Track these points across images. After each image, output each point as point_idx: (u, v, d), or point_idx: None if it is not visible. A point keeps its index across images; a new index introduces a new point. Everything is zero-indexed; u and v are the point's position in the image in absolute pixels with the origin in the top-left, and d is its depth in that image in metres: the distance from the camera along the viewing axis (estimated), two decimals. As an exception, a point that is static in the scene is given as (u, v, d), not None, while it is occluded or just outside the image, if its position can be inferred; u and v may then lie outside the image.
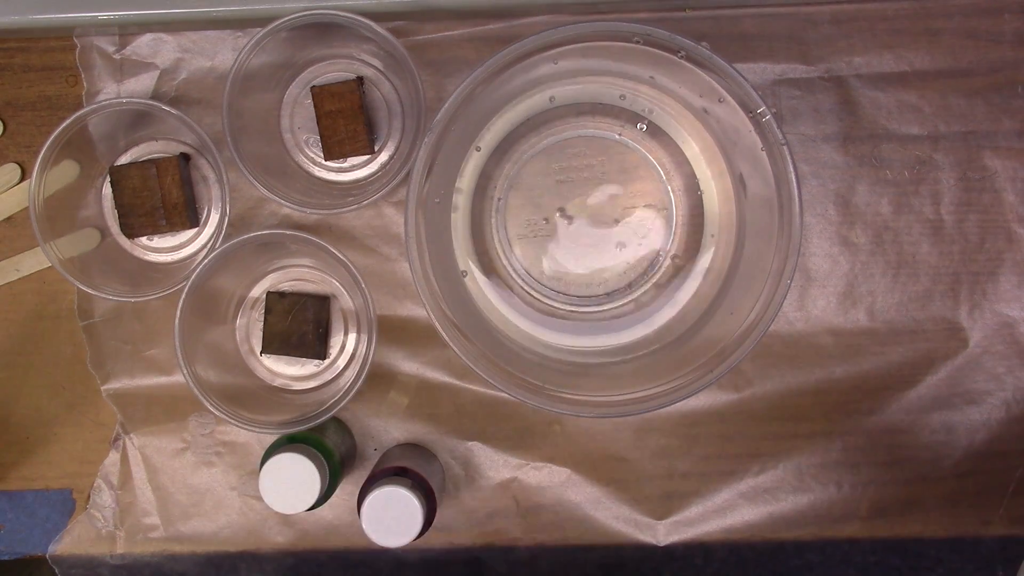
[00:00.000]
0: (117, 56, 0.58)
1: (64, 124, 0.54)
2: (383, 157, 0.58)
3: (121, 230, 0.58)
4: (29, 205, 0.54)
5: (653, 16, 0.58)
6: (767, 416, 0.59)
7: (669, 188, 0.56)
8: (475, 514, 0.60)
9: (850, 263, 0.58)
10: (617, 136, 0.56)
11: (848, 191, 0.58)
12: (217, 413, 0.54)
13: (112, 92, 0.58)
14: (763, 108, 0.49)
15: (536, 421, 0.59)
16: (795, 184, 0.49)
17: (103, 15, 0.56)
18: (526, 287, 0.57)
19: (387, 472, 0.54)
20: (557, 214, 0.56)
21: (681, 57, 0.50)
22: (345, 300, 0.59)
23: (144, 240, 0.59)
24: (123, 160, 0.59)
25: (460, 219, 0.56)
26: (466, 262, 0.56)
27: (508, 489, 0.59)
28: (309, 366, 0.59)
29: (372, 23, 0.52)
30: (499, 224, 0.56)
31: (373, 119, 0.58)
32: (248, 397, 0.57)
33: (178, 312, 0.53)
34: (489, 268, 0.57)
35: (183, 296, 0.53)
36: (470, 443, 0.59)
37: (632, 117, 0.56)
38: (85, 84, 0.58)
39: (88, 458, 0.60)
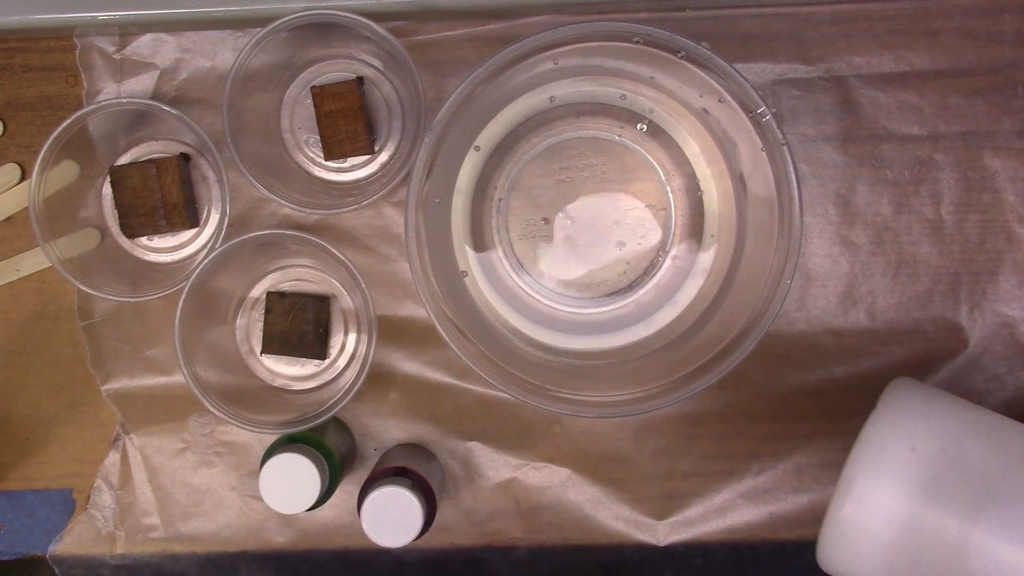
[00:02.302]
0: (117, 56, 0.58)
1: (64, 124, 0.54)
2: (383, 157, 0.58)
3: (121, 230, 0.58)
4: (29, 205, 0.54)
5: (653, 16, 0.58)
6: (767, 416, 0.59)
7: (669, 188, 0.56)
8: (475, 514, 0.60)
9: (850, 263, 0.58)
10: (617, 137, 0.56)
11: (848, 191, 0.58)
12: (217, 413, 0.54)
13: (112, 92, 0.58)
14: (763, 108, 0.49)
15: (536, 421, 0.59)
16: (795, 184, 0.49)
17: (103, 15, 0.56)
18: (526, 287, 0.57)
19: (387, 472, 0.54)
20: (558, 214, 0.56)
21: (681, 57, 0.50)
22: (345, 300, 0.59)
23: (144, 240, 0.59)
24: (123, 160, 0.59)
25: (460, 219, 0.56)
26: (466, 262, 0.56)
27: (508, 489, 0.59)
28: (309, 366, 0.59)
29: (372, 23, 0.52)
30: (499, 224, 0.56)
31: (373, 119, 0.58)
32: (248, 397, 0.57)
33: (178, 312, 0.53)
34: (489, 268, 0.57)
35: (183, 296, 0.53)
36: (470, 443, 0.59)
37: (632, 117, 0.56)
38: (85, 84, 0.58)
39: (88, 458, 0.60)
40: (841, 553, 0.44)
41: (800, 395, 0.58)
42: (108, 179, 0.58)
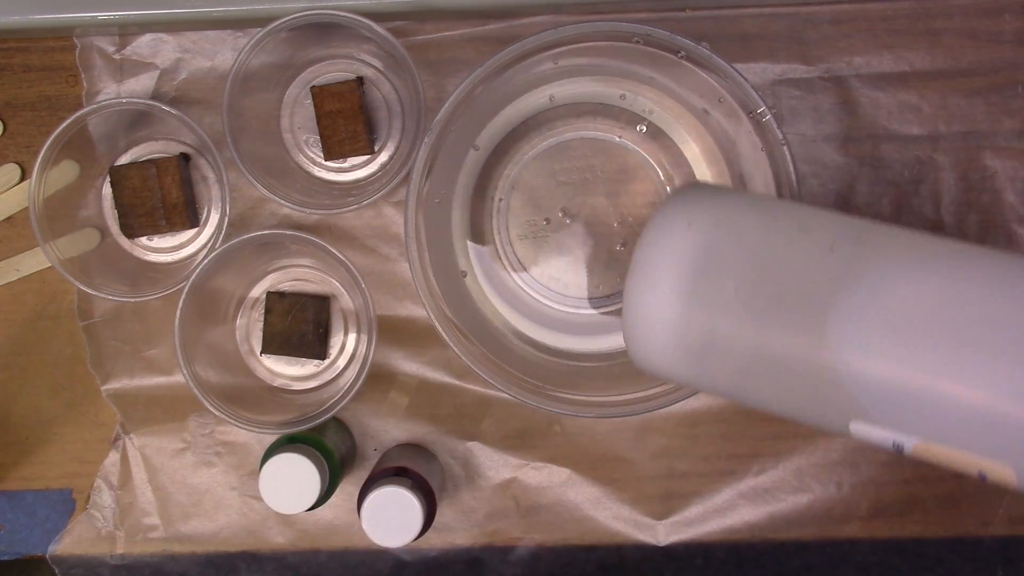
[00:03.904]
0: (117, 56, 0.58)
1: (64, 124, 0.54)
2: (383, 157, 0.58)
3: (121, 230, 0.58)
4: (29, 205, 0.54)
5: (653, 16, 0.58)
6: (767, 416, 0.59)
7: (669, 188, 0.56)
8: (475, 514, 0.60)
9: (850, 263, 0.58)
10: (617, 138, 0.56)
11: (848, 191, 0.58)
12: (217, 413, 0.54)
13: (112, 92, 0.58)
14: (763, 108, 0.49)
15: (536, 421, 0.59)
16: (795, 184, 0.49)
17: (103, 15, 0.56)
18: (526, 287, 0.57)
19: (387, 472, 0.54)
20: (558, 214, 0.56)
21: (681, 57, 0.50)
22: (345, 300, 0.59)
23: (144, 240, 0.59)
24: (123, 160, 0.59)
25: (460, 219, 0.56)
26: (466, 262, 0.56)
27: (508, 489, 0.59)
28: (309, 366, 0.59)
29: (372, 23, 0.52)
30: (499, 225, 0.56)
31: (373, 119, 0.58)
32: (248, 397, 0.57)
33: (178, 312, 0.53)
34: (489, 268, 0.57)
35: (183, 296, 0.53)
36: (470, 443, 0.59)
37: (632, 117, 0.56)
38: (85, 84, 0.58)
39: (88, 458, 0.60)
40: (643, 339, 0.44)
41: (800, 395, 0.58)
42: (108, 179, 0.58)
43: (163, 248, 0.59)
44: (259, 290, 0.59)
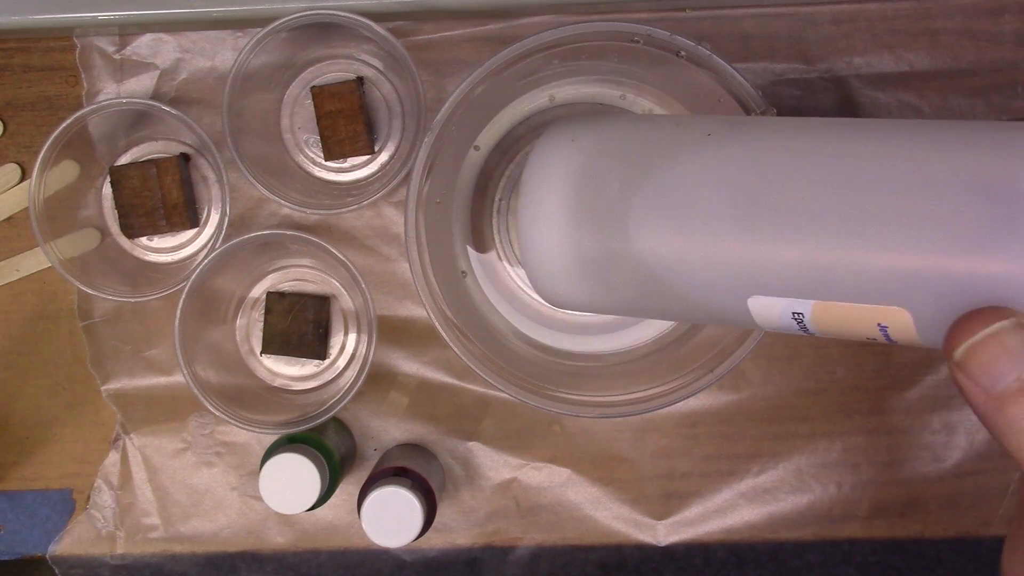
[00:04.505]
0: (117, 56, 0.58)
1: (64, 124, 0.54)
2: (383, 157, 0.58)
3: (121, 230, 0.58)
4: (29, 205, 0.54)
5: (653, 16, 0.58)
6: (767, 416, 0.59)
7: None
8: (475, 514, 0.60)
9: (850, 263, 0.58)
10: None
11: (848, 191, 0.58)
12: (217, 413, 0.54)
13: (112, 92, 0.58)
14: (764, 108, 0.49)
15: (536, 421, 0.59)
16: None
17: (103, 15, 0.56)
18: (526, 287, 0.57)
19: (387, 472, 0.54)
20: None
21: (681, 57, 0.50)
22: (345, 300, 0.59)
23: (144, 240, 0.59)
24: (123, 160, 0.59)
25: (460, 219, 0.56)
26: (466, 262, 0.56)
27: (508, 489, 0.59)
28: (309, 366, 0.59)
29: (372, 23, 0.52)
30: (499, 224, 0.56)
31: (373, 119, 0.58)
32: (248, 397, 0.57)
33: (178, 312, 0.53)
34: (489, 268, 0.56)
35: (183, 296, 0.53)
36: (470, 443, 0.59)
37: (632, 117, 0.56)
38: (85, 84, 0.58)
39: (88, 458, 0.60)
40: (542, 264, 0.44)
41: (800, 395, 0.58)
42: (108, 179, 0.58)
43: (163, 248, 0.59)
44: (259, 290, 0.59)
